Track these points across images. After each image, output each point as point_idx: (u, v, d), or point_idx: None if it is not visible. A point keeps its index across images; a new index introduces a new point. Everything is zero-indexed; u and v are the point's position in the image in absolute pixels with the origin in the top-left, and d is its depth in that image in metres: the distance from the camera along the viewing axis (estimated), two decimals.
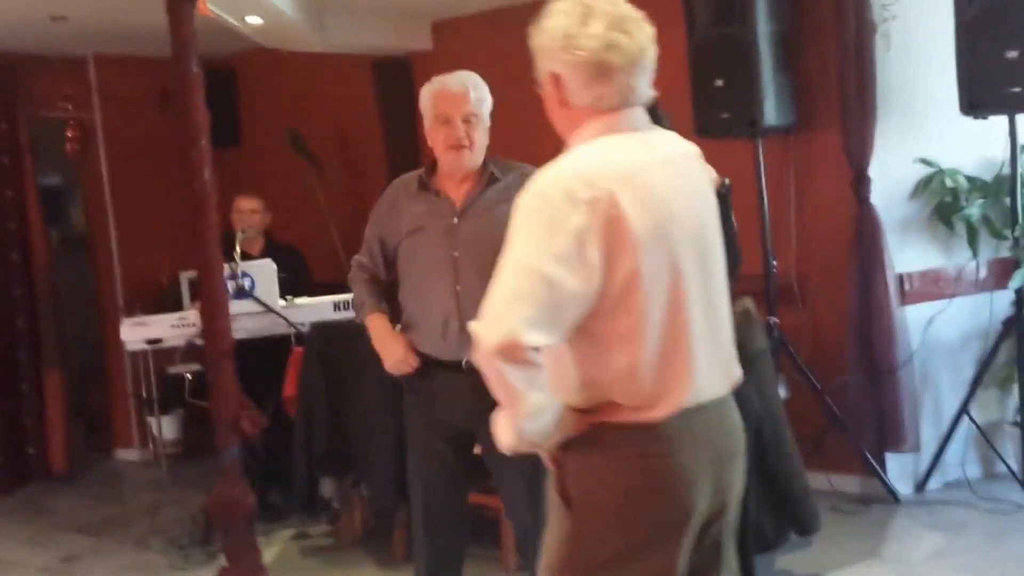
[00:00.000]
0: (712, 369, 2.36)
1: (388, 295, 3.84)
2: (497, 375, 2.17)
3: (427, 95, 3.66)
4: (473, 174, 3.66)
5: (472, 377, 3.42)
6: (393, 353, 3.65)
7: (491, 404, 3.54)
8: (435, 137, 3.62)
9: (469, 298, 3.45)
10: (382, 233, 3.75)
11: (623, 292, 2.22)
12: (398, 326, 3.75)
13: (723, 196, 2.81)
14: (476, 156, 3.63)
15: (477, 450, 3.74)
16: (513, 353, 2.13)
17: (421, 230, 3.62)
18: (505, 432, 2.31)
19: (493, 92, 5.44)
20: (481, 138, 3.64)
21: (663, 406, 2.27)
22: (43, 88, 6.99)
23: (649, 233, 2.23)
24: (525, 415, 2.21)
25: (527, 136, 3.58)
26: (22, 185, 6.90)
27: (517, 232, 2.22)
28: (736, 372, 2.47)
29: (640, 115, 2.40)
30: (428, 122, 3.65)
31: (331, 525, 5.47)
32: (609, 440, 2.29)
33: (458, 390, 3.55)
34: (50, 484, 6.85)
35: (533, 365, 2.15)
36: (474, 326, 2.17)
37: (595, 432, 2.30)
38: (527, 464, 3.54)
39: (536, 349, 2.14)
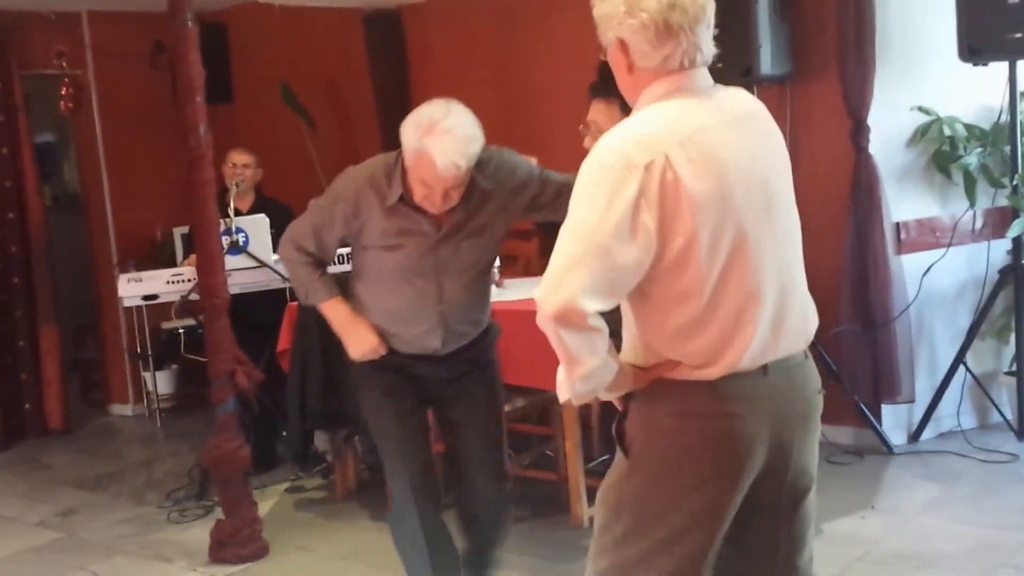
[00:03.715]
0: (781, 329, 2.37)
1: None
2: (556, 338, 2.23)
3: (413, 149, 3.24)
4: None
5: (446, 362, 3.50)
6: (366, 340, 3.46)
7: (460, 374, 3.51)
8: (415, 187, 3.27)
9: (453, 315, 3.44)
10: (343, 232, 3.45)
11: (680, 256, 2.25)
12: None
13: None
14: (454, 201, 3.31)
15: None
16: (571, 318, 2.19)
17: (399, 248, 3.37)
18: (562, 388, 2.38)
19: (488, 47, 5.37)
20: (461, 188, 3.30)
21: (720, 366, 2.30)
22: (36, 45, 6.99)
23: (707, 196, 2.24)
24: (579, 378, 2.28)
25: (524, 90, 3.52)
26: (16, 142, 6.91)
27: (577, 199, 2.26)
28: (812, 329, 2.49)
29: (704, 75, 2.40)
30: (410, 168, 3.27)
31: (325, 478, 5.52)
32: (666, 396, 2.35)
33: (429, 369, 3.51)
34: (46, 439, 6.92)
35: (591, 330, 2.22)
36: (535, 292, 2.23)
37: (654, 387, 2.36)
38: (492, 430, 3.62)
39: (594, 315, 2.20)
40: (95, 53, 7.19)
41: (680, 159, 2.22)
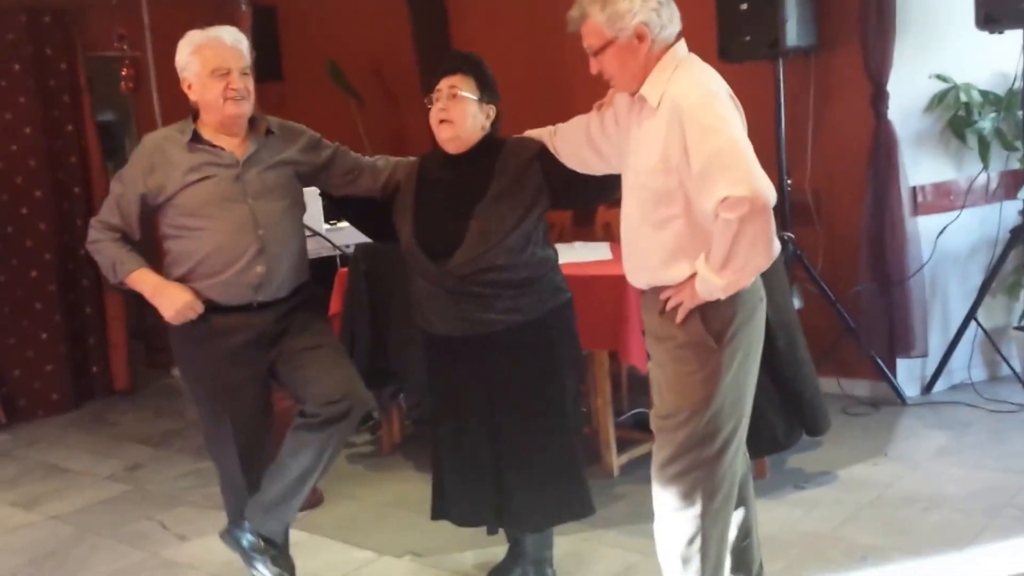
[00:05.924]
0: None
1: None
2: (765, 227, 2.63)
3: (193, 49, 3.45)
4: (246, 128, 3.53)
5: (262, 314, 3.49)
6: (180, 297, 3.42)
7: (282, 329, 3.50)
8: (210, 90, 3.43)
9: (272, 241, 3.45)
10: (143, 190, 3.44)
11: None
12: None
13: None
14: (251, 106, 3.48)
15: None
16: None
17: (207, 179, 3.42)
18: (728, 284, 2.73)
19: (531, 25, 5.45)
20: (251, 78, 3.49)
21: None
22: (99, 28, 7.23)
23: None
24: (772, 259, 2.72)
25: (569, 68, 3.72)
26: (81, 121, 7.18)
27: (717, 122, 2.69)
28: None
29: None
30: (197, 77, 3.45)
31: (372, 434, 5.74)
32: (751, 286, 2.85)
33: (250, 327, 3.49)
34: (113, 399, 7.24)
35: None
36: (736, 190, 2.59)
37: None
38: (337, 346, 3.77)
39: None
40: (154, 35, 7.35)
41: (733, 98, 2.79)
